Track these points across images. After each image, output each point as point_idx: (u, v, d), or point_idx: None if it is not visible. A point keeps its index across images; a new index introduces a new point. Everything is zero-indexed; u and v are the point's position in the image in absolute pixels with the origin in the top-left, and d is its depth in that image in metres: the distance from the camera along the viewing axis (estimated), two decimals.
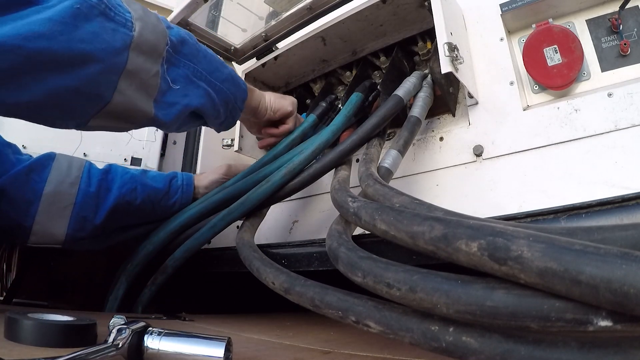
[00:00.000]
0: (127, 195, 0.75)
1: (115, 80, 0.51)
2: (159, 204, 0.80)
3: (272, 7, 0.90)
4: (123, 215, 0.76)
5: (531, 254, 0.26)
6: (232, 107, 0.67)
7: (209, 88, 0.62)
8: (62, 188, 0.70)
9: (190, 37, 0.61)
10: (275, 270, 0.51)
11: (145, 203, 0.78)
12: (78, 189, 0.71)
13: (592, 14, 0.60)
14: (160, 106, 0.57)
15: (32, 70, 0.44)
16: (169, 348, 0.35)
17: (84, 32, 0.46)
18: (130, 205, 0.76)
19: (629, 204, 0.43)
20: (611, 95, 0.52)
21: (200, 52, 0.62)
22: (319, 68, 0.90)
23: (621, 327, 0.24)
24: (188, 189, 0.83)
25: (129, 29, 0.51)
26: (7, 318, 0.38)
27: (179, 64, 0.58)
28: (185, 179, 0.84)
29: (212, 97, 0.62)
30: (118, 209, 0.74)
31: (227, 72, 0.65)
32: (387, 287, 0.34)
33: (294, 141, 0.77)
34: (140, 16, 0.53)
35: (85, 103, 0.51)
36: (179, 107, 0.59)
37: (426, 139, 0.67)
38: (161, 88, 0.56)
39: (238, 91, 0.67)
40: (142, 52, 0.52)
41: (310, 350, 0.50)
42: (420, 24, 0.73)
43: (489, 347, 0.29)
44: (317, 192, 0.79)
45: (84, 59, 0.47)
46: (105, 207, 0.73)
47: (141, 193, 0.77)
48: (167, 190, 0.81)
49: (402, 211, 0.38)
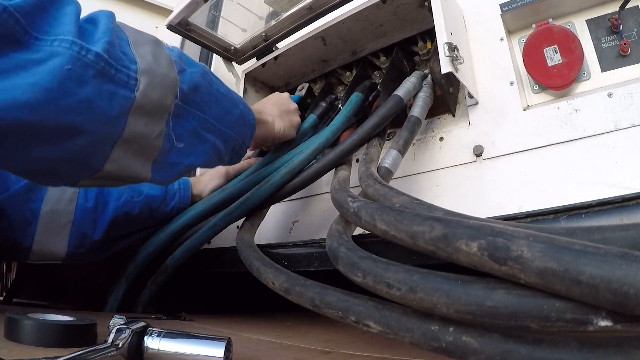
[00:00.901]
0: (125, 206, 0.74)
1: (107, 151, 0.44)
2: (157, 210, 0.79)
3: (272, 7, 0.90)
4: (122, 226, 0.75)
5: (531, 254, 0.26)
6: (239, 149, 0.62)
7: (216, 140, 0.56)
8: (59, 206, 0.69)
9: (204, 78, 0.54)
10: (275, 271, 0.51)
11: (143, 211, 0.77)
12: (76, 206, 0.70)
13: (592, 14, 0.60)
14: (159, 167, 0.51)
15: (13, 140, 0.38)
16: (169, 348, 0.35)
17: (74, 100, 0.39)
18: (129, 216, 0.75)
19: (629, 204, 0.43)
20: (611, 95, 0.52)
21: (212, 96, 0.55)
22: (319, 68, 0.90)
23: (621, 327, 0.24)
24: (185, 194, 0.82)
25: (131, 89, 0.43)
26: (7, 318, 0.38)
27: (188, 116, 0.51)
28: (182, 183, 0.83)
29: (218, 150, 0.57)
30: (116, 221, 0.73)
31: (237, 113, 0.59)
32: (387, 287, 0.34)
33: (294, 141, 0.77)
34: (148, 66, 0.45)
35: (73, 171, 0.45)
36: (180, 167, 0.53)
37: (426, 139, 0.67)
38: (163, 148, 0.50)
39: (246, 130, 0.62)
40: (144, 115, 0.45)
41: (310, 350, 0.50)
42: (420, 24, 0.73)
43: (489, 347, 0.29)
44: (317, 192, 0.79)
45: (72, 132, 0.40)
46: (104, 221, 0.72)
47: (138, 202, 0.76)
48: (164, 196, 0.80)
49: (402, 211, 0.38)
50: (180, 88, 0.49)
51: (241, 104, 0.61)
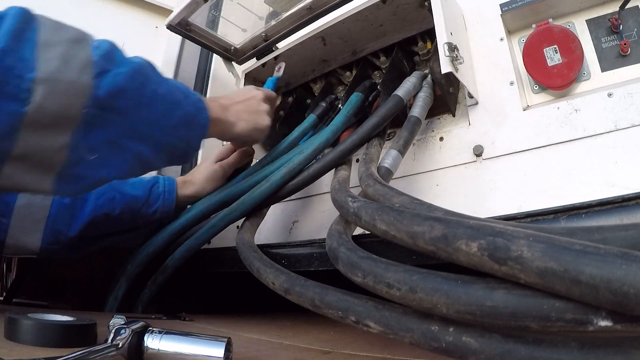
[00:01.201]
0: (105, 206, 0.72)
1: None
2: (139, 212, 0.76)
3: (272, 7, 0.90)
4: (101, 226, 0.73)
5: (531, 254, 0.26)
6: (183, 153, 0.57)
7: (143, 148, 0.51)
8: (35, 201, 0.67)
9: (135, 79, 0.48)
10: (275, 271, 0.51)
11: (124, 213, 0.74)
12: (52, 201, 0.68)
13: (592, 14, 0.60)
14: (65, 181, 0.46)
15: None
16: (169, 348, 0.35)
17: None
18: (108, 216, 0.72)
19: (629, 204, 0.43)
20: (611, 95, 0.52)
21: (144, 98, 0.49)
22: (319, 68, 0.90)
23: (621, 327, 0.24)
24: (170, 196, 0.79)
25: (22, 102, 0.38)
26: (7, 318, 0.38)
27: (105, 124, 0.46)
28: (167, 185, 0.80)
29: (144, 159, 0.52)
30: (95, 220, 0.71)
31: (180, 114, 0.54)
32: (387, 287, 0.34)
33: (294, 141, 0.77)
34: (50, 73, 0.40)
35: None
36: (91, 180, 0.48)
37: (426, 139, 0.67)
38: (69, 161, 0.44)
39: (194, 133, 0.57)
40: (41, 128, 0.41)
41: (310, 350, 0.50)
42: (420, 24, 0.73)
43: (489, 347, 0.29)
44: (317, 192, 0.79)
45: None
46: (81, 219, 0.70)
47: (120, 202, 0.73)
48: (147, 197, 0.77)
49: (402, 211, 0.38)
50: (93, 95, 0.44)
51: (189, 103, 0.56)
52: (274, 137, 0.82)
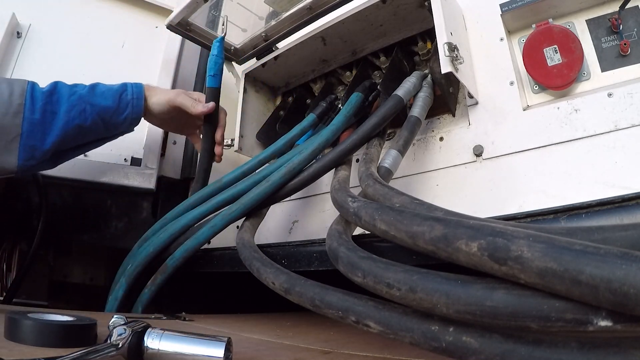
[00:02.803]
0: (77, 118, 0.75)
1: None
2: (110, 121, 0.80)
3: (272, 7, 0.90)
4: (74, 138, 0.77)
5: (531, 254, 0.26)
6: None
7: None
8: (5, 121, 0.68)
9: None
10: (275, 271, 0.51)
11: (95, 123, 0.78)
12: (22, 118, 0.70)
13: (592, 14, 0.60)
14: None
15: None
16: (169, 348, 0.35)
17: None
18: (81, 128, 0.76)
19: (629, 204, 0.43)
20: (611, 95, 0.52)
21: None
22: (319, 68, 0.90)
23: (621, 327, 0.24)
24: (138, 103, 0.83)
25: None
26: (7, 318, 0.38)
27: None
28: (135, 92, 0.83)
29: None
30: (68, 133, 0.74)
31: None
32: (387, 287, 0.34)
33: (293, 139, 0.77)
34: None
35: None
36: None
37: (426, 139, 0.67)
38: None
39: None
40: None
41: (310, 350, 0.50)
42: (420, 24, 0.73)
43: (489, 347, 0.29)
44: (317, 192, 0.79)
45: None
46: (55, 132, 0.73)
47: (90, 113, 0.77)
48: (117, 106, 0.80)
49: (402, 211, 0.38)
50: None
51: None
52: (274, 137, 0.82)
